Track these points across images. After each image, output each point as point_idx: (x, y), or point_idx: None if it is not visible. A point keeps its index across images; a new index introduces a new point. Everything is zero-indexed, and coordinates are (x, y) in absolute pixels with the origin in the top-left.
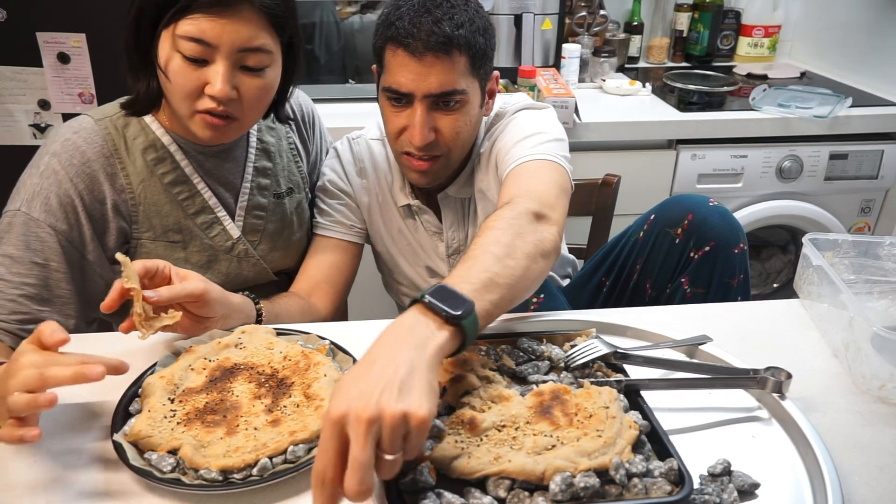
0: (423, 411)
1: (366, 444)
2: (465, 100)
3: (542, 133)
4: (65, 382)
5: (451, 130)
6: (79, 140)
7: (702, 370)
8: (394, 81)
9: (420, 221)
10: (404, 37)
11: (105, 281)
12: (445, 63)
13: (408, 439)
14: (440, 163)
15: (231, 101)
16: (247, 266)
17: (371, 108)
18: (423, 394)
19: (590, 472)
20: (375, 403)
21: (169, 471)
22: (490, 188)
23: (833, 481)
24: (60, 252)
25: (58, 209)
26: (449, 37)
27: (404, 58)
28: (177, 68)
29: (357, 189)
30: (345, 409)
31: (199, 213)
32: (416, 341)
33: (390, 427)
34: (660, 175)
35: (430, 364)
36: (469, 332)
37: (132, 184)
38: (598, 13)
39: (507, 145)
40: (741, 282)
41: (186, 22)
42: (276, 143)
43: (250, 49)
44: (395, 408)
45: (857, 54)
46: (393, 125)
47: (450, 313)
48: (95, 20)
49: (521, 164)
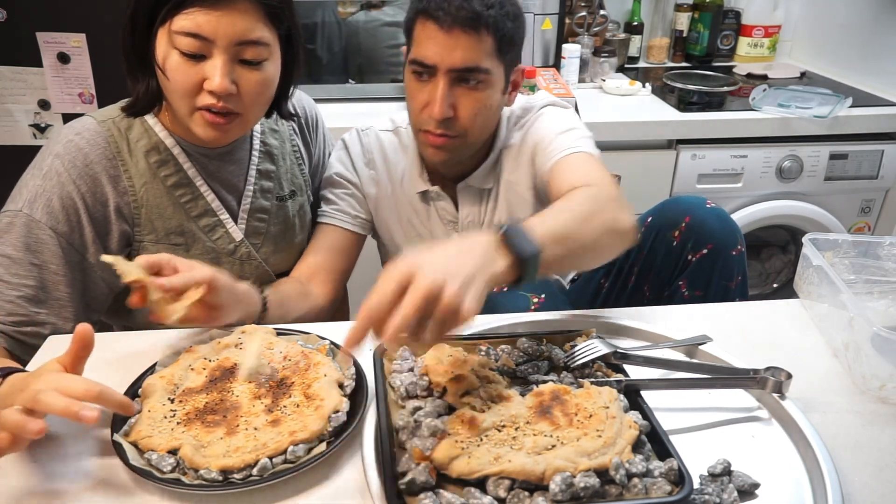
0: (471, 312)
1: (418, 304)
2: (487, 80)
3: (580, 128)
4: (54, 412)
5: (469, 110)
6: (81, 142)
7: (702, 370)
8: (420, 53)
9: (435, 209)
10: (434, 9)
11: (106, 283)
12: (472, 39)
13: (444, 323)
14: (456, 143)
15: (230, 95)
16: (249, 269)
17: (371, 108)
18: (475, 298)
19: (590, 472)
20: (442, 279)
21: (169, 471)
22: (520, 181)
23: (833, 481)
24: (60, 255)
25: (60, 211)
26: (478, 13)
27: (432, 30)
28: (174, 65)
29: (364, 180)
30: (417, 268)
31: (202, 216)
32: (484, 257)
33: (444, 306)
34: (660, 175)
35: (487, 281)
36: (527, 273)
37: (135, 186)
38: (598, 13)
39: (547, 136)
40: (739, 284)
41: (182, 17)
42: (279, 145)
43: (248, 42)
44: (454, 294)
45: (857, 54)
46: (416, 101)
47: (517, 250)
48: (95, 20)
49: (573, 154)
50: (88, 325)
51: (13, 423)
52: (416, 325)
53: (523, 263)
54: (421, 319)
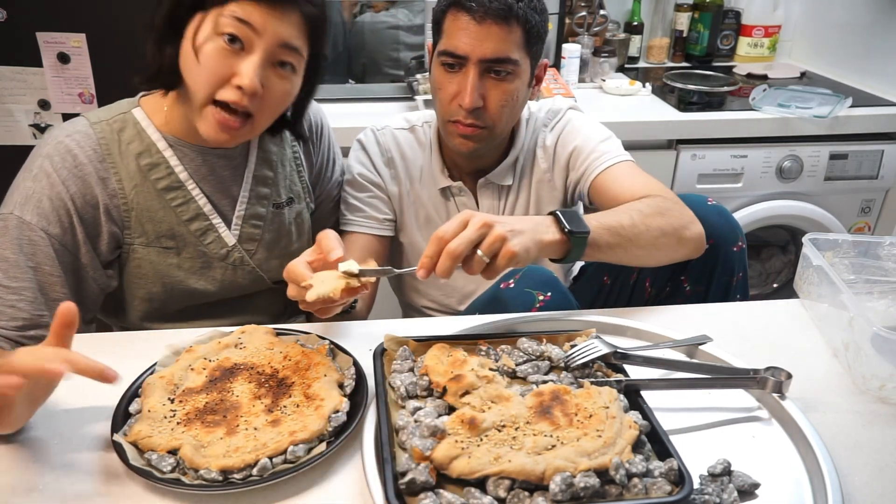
0: (517, 248)
1: (473, 233)
2: (516, 72)
3: (614, 137)
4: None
5: (498, 101)
6: (71, 143)
7: (702, 370)
8: (451, 45)
9: (456, 204)
10: (467, 1)
11: (98, 285)
12: (503, 30)
13: (491, 250)
14: (484, 133)
15: (254, 96)
16: (242, 274)
17: (372, 108)
18: (523, 245)
19: (590, 472)
20: (493, 221)
21: (169, 471)
22: (554, 179)
23: (833, 481)
24: (53, 256)
25: (50, 212)
26: (509, 5)
27: (465, 21)
28: (212, 51)
29: (386, 179)
30: (473, 215)
31: (193, 220)
32: (537, 225)
33: (495, 235)
34: (660, 175)
35: (537, 242)
36: (574, 247)
37: (124, 188)
38: (598, 13)
39: (589, 142)
40: (740, 280)
41: (235, 5)
42: (278, 151)
43: (289, 46)
44: (505, 231)
45: (857, 54)
46: (445, 91)
47: (566, 225)
48: (95, 20)
49: (621, 163)
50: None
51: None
52: (471, 252)
53: (571, 239)
54: (475, 247)
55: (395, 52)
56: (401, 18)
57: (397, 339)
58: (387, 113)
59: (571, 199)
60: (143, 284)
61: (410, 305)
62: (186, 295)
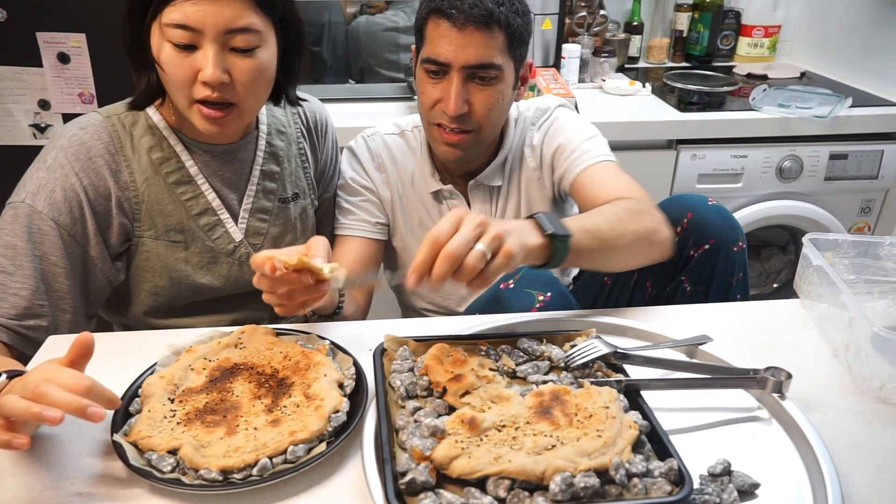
0: (514, 247)
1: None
2: (499, 76)
3: (600, 135)
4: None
5: (483, 105)
6: (85, 136)
7: (702, 370)
8: (433, 52)
9: (448, 207)
10: (448, 8)
11: (106, 277)
12: (485, 36)
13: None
14: (470, 138)
15: (224, 85)
16: (248, 269)
17: (372, 109)
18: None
19: (590, 472)
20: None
21: (169, 471)
22: (542, 178)
23: (833, 481)
24: (61, 246)
25: (62, 203)
26: (490, 11)
27: (446, 28)
28: (168, 58)
29: (378, 184)
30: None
31: (202, 215)
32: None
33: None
34: (660, 175)
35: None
36: (557, 252)
37: (136, 181)
38: (598, 13)
39: (573, 140)
40: (741, 280)
41: (171, 10)
42: (285, 147)
43: (236, 30)
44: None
45: (857, 54)
46: (428, 97)
47: (548, 229)
48: (95, 20)
49: (603, 162)
50: (90, 333)
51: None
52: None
53: (553, 243)
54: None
55: (394, 53)
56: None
57: (397, 339)
58: (387, 113)
59: (560, 197)
60: (149, 278)
61: (410, 307)
62: (192, 290)
